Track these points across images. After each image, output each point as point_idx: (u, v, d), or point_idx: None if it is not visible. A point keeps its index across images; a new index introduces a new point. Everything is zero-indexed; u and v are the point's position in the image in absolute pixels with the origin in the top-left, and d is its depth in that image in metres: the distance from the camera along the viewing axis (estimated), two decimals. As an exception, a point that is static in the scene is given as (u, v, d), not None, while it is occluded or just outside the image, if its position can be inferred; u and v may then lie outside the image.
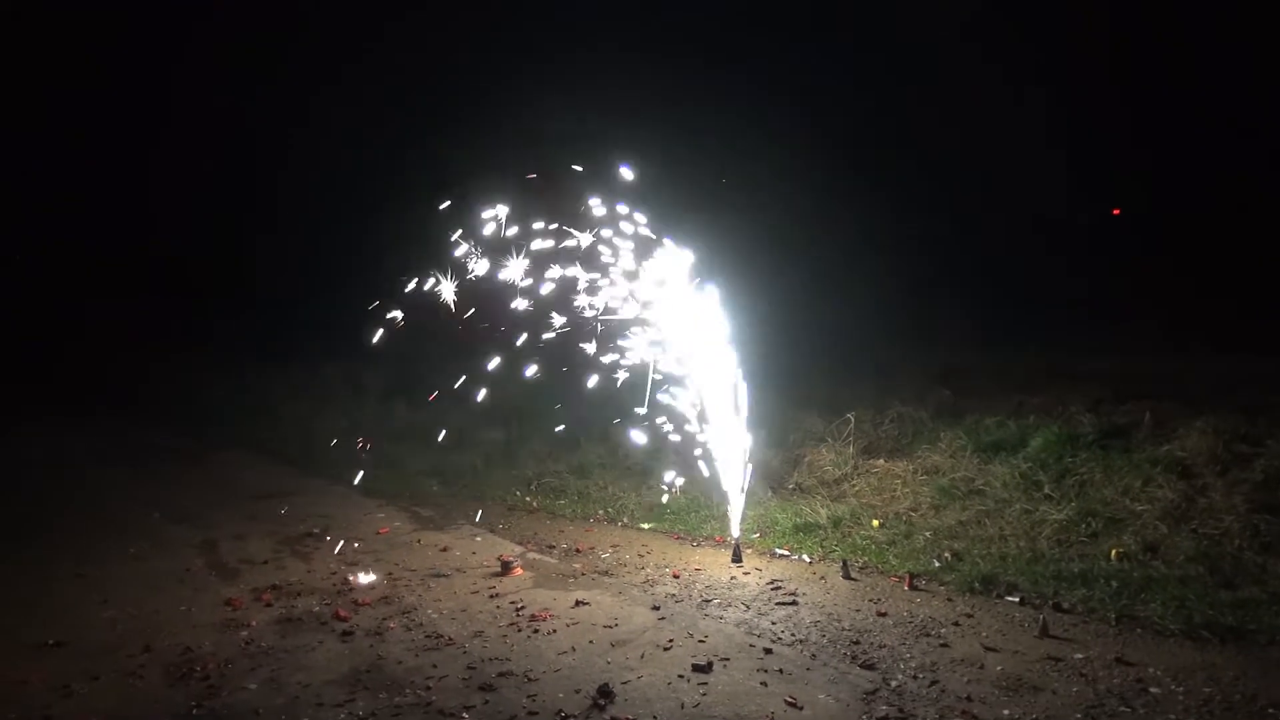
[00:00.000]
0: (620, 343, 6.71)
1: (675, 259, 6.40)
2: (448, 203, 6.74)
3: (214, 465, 10.15)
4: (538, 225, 6.50)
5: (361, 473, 8.38)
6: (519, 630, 5.24)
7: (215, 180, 19.82)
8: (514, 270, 6.50)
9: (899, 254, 17.19)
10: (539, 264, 6.56)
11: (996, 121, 18.47)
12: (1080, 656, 4.69)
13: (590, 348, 6.71)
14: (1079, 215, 18.24)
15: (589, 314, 6.67)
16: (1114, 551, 5.87)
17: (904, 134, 18.97)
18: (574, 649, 4.96)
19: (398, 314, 6.67)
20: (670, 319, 6.53)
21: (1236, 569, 5.50)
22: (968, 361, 11.51)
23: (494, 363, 6.81)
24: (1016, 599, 5.49)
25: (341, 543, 7.06)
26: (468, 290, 6.59)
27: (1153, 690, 4.29)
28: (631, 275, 6.54)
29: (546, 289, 6.59)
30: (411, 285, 6.59)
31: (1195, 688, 4.29)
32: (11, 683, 4.66)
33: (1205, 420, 7.05)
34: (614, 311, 6.64)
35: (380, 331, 6.71)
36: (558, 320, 6.67)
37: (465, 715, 4.22)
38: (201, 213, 20.17)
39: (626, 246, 6.49)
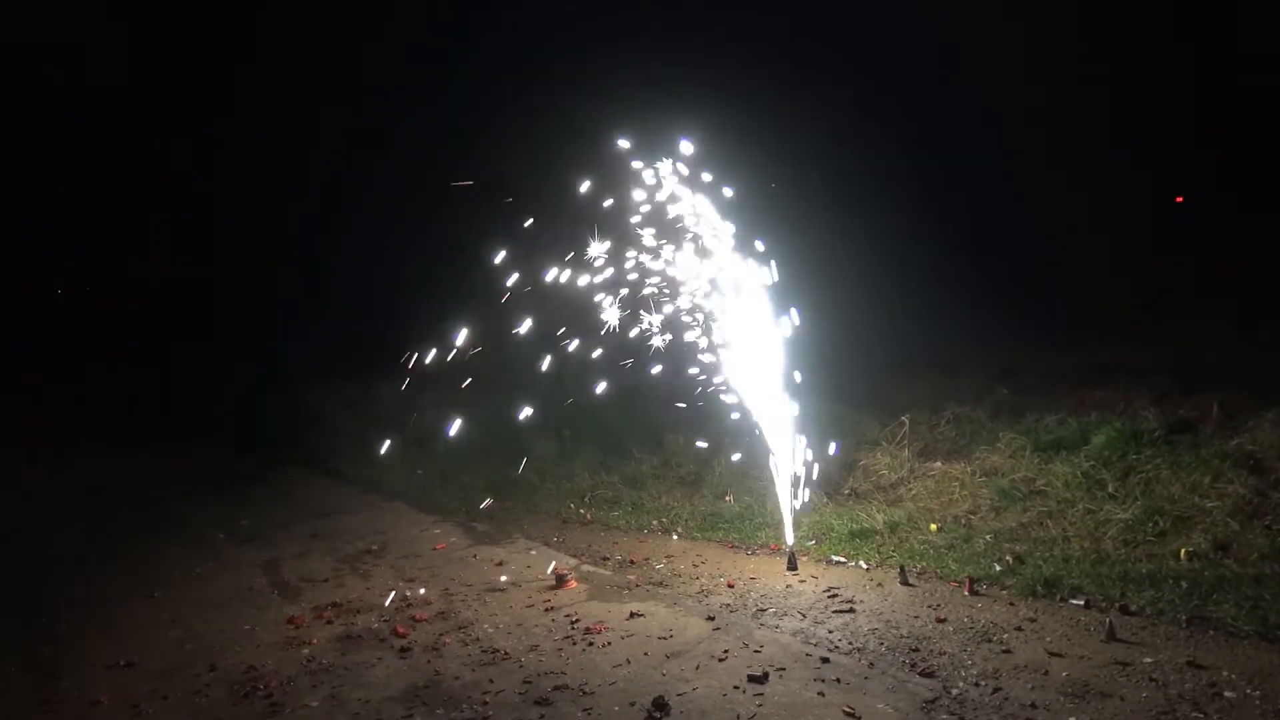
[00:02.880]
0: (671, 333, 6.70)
1: (733, 258, 6.33)
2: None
3: (274, 484, 10.34)
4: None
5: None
6: (574, 643, 5.25)
7: (270, 195, 20.14)
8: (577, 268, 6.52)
9: (952, 251, 16.95)
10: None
11: (1054, 114, 18.16)
12: (1150, 660, 4.55)
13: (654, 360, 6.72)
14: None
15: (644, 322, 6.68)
16: (1183, 551, 5.69)
17: (959, 129, 18.70)
18: (629, 661, 4.95)
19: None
20: (728, 324, 6.48)
21: (1314, 567, 5.30)
22: (1026, 358, 11.28)
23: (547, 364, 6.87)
24: (1081, 602, 5.35)
25: (399, 559, 7.17)
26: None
27: (1227, 695, 4.14)
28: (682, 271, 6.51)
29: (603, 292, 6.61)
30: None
31: (1272, 691, 4.13)
32: (84, 703, 4.81)
33: (1277, 412, 6.80)
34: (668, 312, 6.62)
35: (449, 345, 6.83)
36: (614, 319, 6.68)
37: (521, 730, 4.24)
38: (257, 230, 20.53)
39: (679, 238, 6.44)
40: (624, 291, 6.63)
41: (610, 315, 6.62)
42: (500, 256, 6.74)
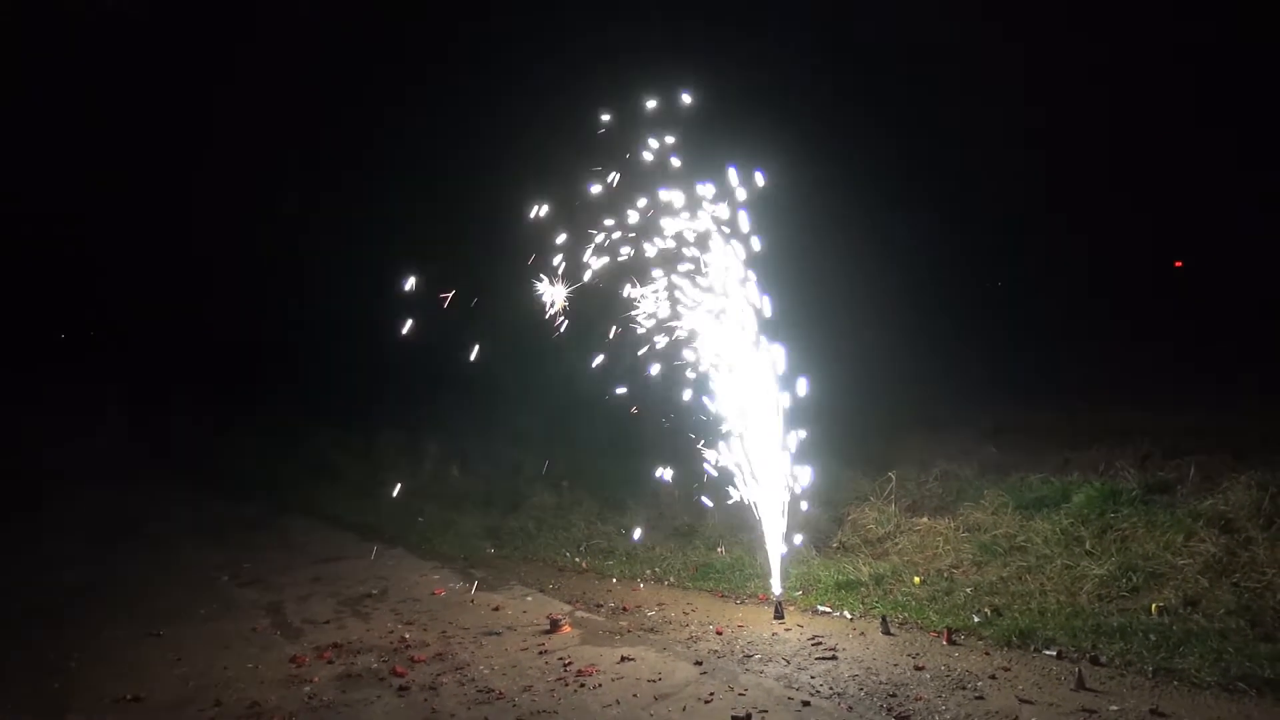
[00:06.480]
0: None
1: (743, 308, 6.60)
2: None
3: (277, 531, 10.52)
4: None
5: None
6: (566, 684, 5.45)
7: (268, 245, 20.33)
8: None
9: (946, 310, 17.22)
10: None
11: (1048, 175, 18.50)
12: (1115, 708, 4.75)
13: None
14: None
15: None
16: (1154, 605, 5.90)
17: (950, 187, 18.97)
18: (618, 702, 5.15)
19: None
20: (727, 375, 6.75)
21: (1278, 622, 5.51)
22: (1017, 418, 11.51)
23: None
24: (1054, 653, 5.55)
25: (399, 603, 7.38)
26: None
27: (1185, 741, 4.34)
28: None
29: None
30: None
31: (1228, 738, 4.33)
32: (94, 733, 5.01)
33: (1250, 474, 7.03)
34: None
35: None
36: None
37: (513, 763, 4.43)
38: (258, 279, 20.76)
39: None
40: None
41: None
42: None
